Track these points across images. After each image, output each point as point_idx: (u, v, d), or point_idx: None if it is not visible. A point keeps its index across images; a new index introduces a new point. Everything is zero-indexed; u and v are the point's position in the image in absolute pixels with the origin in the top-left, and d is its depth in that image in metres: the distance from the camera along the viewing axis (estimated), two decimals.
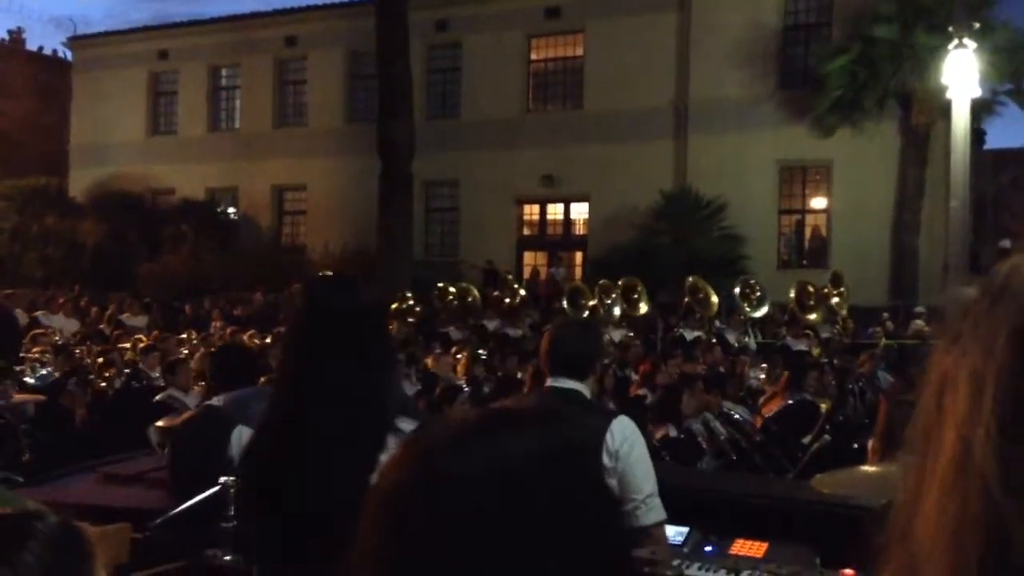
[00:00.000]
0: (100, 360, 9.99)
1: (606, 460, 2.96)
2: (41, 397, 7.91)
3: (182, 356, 9.15)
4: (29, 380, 8.84)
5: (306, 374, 2.16)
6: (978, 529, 0.58)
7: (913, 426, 0.65)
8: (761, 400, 8.04)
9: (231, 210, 27.39)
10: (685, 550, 3.20)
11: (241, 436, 3.84)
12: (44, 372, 9.01)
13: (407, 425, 2.10)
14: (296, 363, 2.21)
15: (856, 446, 6.68)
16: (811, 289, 13.54)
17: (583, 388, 3.14)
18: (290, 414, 2.17)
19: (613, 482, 2.97)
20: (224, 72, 28.43)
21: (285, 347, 2.52)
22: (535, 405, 3.44)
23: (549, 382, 3.19)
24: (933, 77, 15.38)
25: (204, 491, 3.11)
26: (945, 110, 14.31)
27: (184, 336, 12.35)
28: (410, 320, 14.39)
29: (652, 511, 2.98)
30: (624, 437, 3.00)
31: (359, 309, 2.19)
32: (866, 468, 4.17)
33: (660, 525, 3.03)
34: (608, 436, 2.98)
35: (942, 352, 0.64)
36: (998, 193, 29.28)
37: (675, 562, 2.89)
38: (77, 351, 10.62)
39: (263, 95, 27.34)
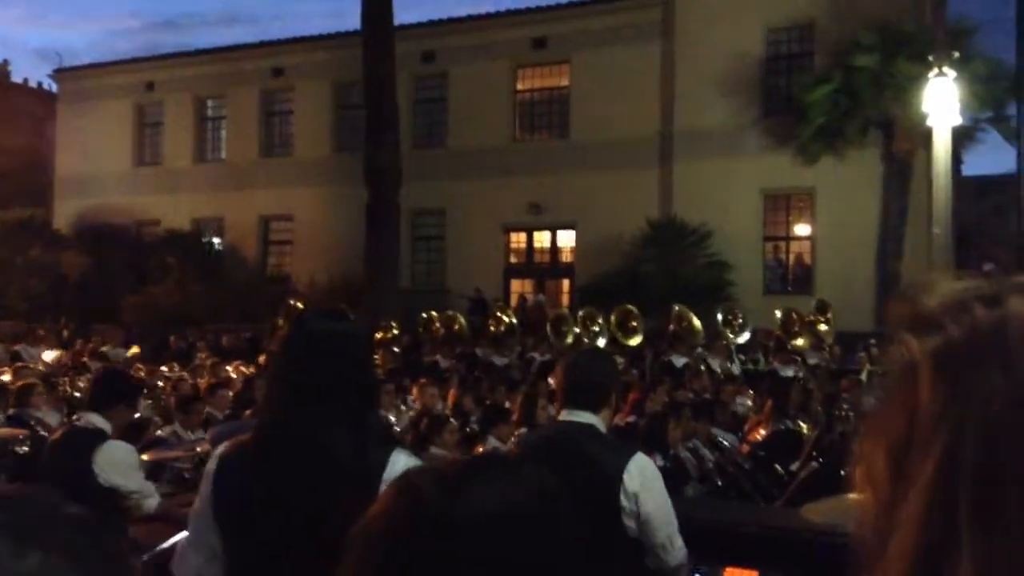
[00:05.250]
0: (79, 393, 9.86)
1: (624, 502, 2.84)
2: (24, 431, 7.79)
3: (200, 395, 8.76)
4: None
5: (291, 395, 2.14)
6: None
7: (866, 466, 0.68)
8: (746, 427, 8.02)
9: (216, 240, 27.33)
10: None
11: (108, 452, 3.92)
12: None
13: (403, 457, 2.09)
14: (283, 386, 2.20)
15: (844, 472, 6.64)
16: (796, 315, 13.60)
17: (597, 421, 3.00)
18: (275, 435, 2.14)
19: (631, 524, 2.86)
20: (210, 103, 28.48)
21: (272, 373, 2.51)
22: (516, 453, 3.42)
23: (563, 415, 3.05)
24: (914, 105, 15.54)
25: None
26: (926, 138, 14.46)
27: (166, 368, 12.22)
28: (395, 350, 14.30)
29: (675, 551, 2.90)
30: (643, 478, 2.89)
31: (345, 334, 2.19)
32: (855, 496, 4.15)
33: (682, 566, 2.95)
34: (626, 476, 2.85)
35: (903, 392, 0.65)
36: (981, 220, 29.51)
37: None
38: (59, 382, 10.49)
39: (249, 125, 27.38)
